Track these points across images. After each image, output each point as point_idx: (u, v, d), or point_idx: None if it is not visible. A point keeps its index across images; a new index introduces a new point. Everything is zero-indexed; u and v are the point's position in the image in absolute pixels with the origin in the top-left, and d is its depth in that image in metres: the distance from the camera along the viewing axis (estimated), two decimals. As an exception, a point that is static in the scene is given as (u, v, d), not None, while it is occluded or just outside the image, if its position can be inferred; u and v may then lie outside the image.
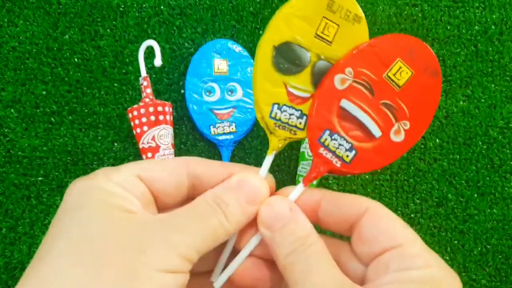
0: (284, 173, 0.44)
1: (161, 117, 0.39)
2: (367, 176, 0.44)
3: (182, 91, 0.44)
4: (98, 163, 0.42)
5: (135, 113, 0.39)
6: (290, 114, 0.24)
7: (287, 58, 0.24)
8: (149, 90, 0.40)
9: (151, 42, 0.39)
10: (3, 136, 0.42)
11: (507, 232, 0.44)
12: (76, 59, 0.43)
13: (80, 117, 0.43)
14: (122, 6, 0.44)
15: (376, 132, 0.24)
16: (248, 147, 0.44)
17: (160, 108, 0.39)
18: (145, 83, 0.40)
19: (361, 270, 0.22)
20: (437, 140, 0.44)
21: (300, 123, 0.24)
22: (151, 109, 0.39)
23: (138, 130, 0.39)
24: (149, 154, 0.39)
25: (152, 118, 0.39)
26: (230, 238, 0.24)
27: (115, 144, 0.43)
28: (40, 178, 0.42)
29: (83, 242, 0.18)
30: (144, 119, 0.39)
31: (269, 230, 0.22)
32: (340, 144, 0.24)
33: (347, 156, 0.24)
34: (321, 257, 0.21)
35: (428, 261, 0.20)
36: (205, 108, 0.42)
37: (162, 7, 0.44)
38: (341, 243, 0.24)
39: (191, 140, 0.43)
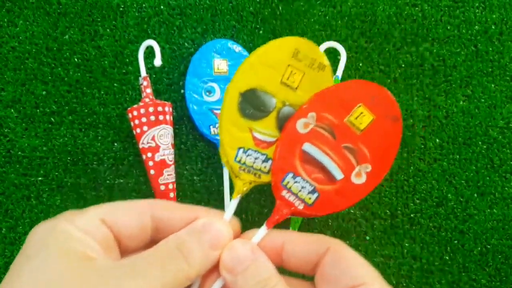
0: (284, 173, 0.44)
1: (161, 117, 0.39)
2: (367, 176, 0.44)
3: (182, 91, 0.44)
4: (98, 163, 0.42)
5: (135, 113, 0.39)
6: (255, 158, 0.25)
7: (253, 104, 0.25)
8: (149, 90, 0.40)
9: (151, 42, 0.39)
10: (3, 136, 0.42)
11: (507, 232, 0.44)
12: (76, 59, 0.43)
13: (80, 117, 0.43)
14: (122, 6, 0.44)
15: (338, 174, 0.25)
16: (248, 147, 0.44)
17: (160, 108, 0.39)
18: (145, 83, 0.40)
19: None
20: (437, 140, 0.44)
21: (265, 166, 0.25)
22: (151, 109, 0.39)
23: (138, 130, 0.39)
24: (149, 154, 0.39)
25: (152, 118, 0.39)
26: (192, 282, 0.24)
27: (115, 144, 0.43)
28: (40, 178, 0.42)
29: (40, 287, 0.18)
30: (144, 119, 0.39)
31: (231, 273, 0.22)
32: (302, 187, 0.25)
33: (310, 198, 0.25)
34: None
35: None
36: (205, 108, 0.42)
37: (162, 7, 0.44)
38: (304, 283, 0.24)
39: (191, 140, 0.43)
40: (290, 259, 0.24)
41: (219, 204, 0.42)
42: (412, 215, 0.44)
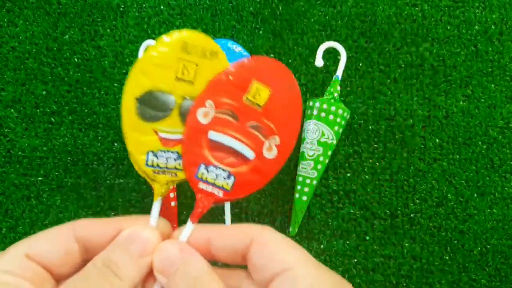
0: (284, 173, 0.44)
1: (161, 117, 0.39)
2: (367, 176, 0.44)
3: (182, 91, 0.44)
4: (98, 163, 0.42)
5: (135, 113, 0.39)
6: (167, 158, 0.25)
7: (152, 106, 0.24)
8: (149, 90, 0.40)
9: (151, 42, 0.39)
10: (3, 136, 0.42)
11: (507, 232, 0.44)
12: (76, 59, 0.43)
13: (80, 117, 0.43)
14: (122, 6, 0.44)
15: (249, 154, 0.25)
16: (248, 147, 0.44)
17: (160, 108, 0.39)
18: (145, 83, 0.40)
19: None
20: (437, 140, 0.44)
21: (179, 164, 0.25)
22: (151, 109, 0.39)
23: (138, 130, 0.39)
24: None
25: (152, 118, 0.39)
26: None
27: (115, 144, 0.43)
28: (40, 178, 0.42)
29: None
30: (144, 119, 0.39)
31: (164, 276, 0.22)
32: (217, 175, 0.25)
33: (227, 184, 0.25)
34: None
35: (315, 280, 0.21)
36: (205, 108, 0.42)
37: (162, 7, 0.44)
38: (241, 272, 0.24)
39: (191, 140, 0.43)
40: (218, 253, 0.24)
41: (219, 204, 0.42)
42: (412, 215, 0.44)
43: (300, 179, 0.41)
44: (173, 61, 0.24)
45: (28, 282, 0.21)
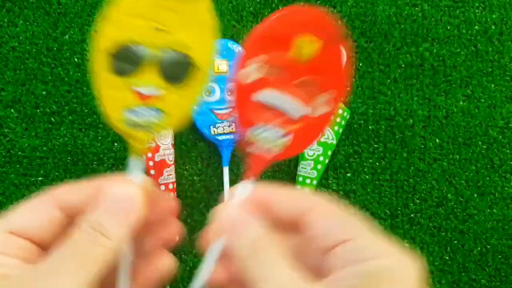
0: (284, 173, 0.44)
1: (161, 117, 0.39)
2: (367, 176, 0.44)
3: (182, 91, 0.44)
4: (98, 163, 0.42)
5: (135, 113, 0.39)
6: (145, 114, 0.23)
7: (128, 61, 0.22)
8: (149, 90, 0.40)
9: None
10: (3, 136, 0.42)
11: (507, 232, 0.44)
12: (76, 59, 0.43)
13: (80, 117, 0.43)
14: (122, 6, 0.44)
15: (298, 112, 0.24)
16: (248, 147, 0.44)
17: (160, 108, 0.39)
18: (145, 83, 0.40)
19: (320, 262, 0.22)
20: (437, 140, 0.44)
21: (158, 119, 0.23)
22: (151, 109, 0.39)
23: (138, 130, 0.39)
24: (149, 154, 0.39)
25: (152, 118, 0.39)
26: (124, 251, 0.23)
27: (115, 144, 0.43)
28: (40, 178, 0.42)
29: None
30: (144, 119, 0.39)
31: (224, 236, 0.22)
32: (268, 136, 0.24)
33: (279, 144, 0.24)
34: (277, 259, 0.21)
35: (379, 252, 0.20)
36: (205, 108, 0.42)
37: (162, 7, 0.44)
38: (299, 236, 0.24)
39: (191, 140, 0.43)
40: (278, 214, 0.24)
41: (219, 204, 0.42)
42: (412, 215, 0.44)
43: (300, 179, 0.41)
44: (147, 9, 0.22)
45: (12, 257, 0.21)
